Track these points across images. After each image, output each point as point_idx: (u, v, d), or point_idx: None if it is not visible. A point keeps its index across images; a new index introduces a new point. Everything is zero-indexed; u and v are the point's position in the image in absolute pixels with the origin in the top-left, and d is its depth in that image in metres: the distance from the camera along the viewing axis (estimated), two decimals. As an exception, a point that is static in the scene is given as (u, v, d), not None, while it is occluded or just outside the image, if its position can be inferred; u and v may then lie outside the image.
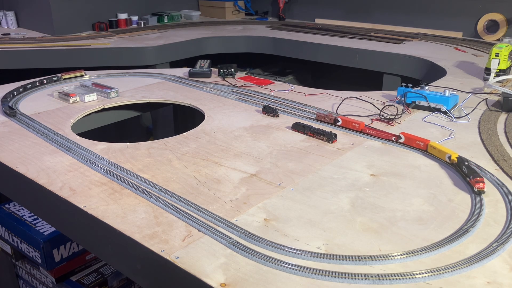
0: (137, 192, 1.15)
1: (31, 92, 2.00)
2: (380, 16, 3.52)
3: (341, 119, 1.50)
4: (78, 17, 3.42)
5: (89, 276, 1.84)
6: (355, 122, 1.47)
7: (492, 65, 2.02)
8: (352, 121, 1.49)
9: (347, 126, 1.49)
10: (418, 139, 1.34)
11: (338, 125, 1.52)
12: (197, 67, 2.28)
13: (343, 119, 1.50)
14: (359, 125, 1.46)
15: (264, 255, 0.91)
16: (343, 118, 1.50)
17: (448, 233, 0.97)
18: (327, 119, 1.52)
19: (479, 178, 1.10)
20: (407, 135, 1.38)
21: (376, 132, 1.42)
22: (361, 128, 1.46)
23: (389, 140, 1.44)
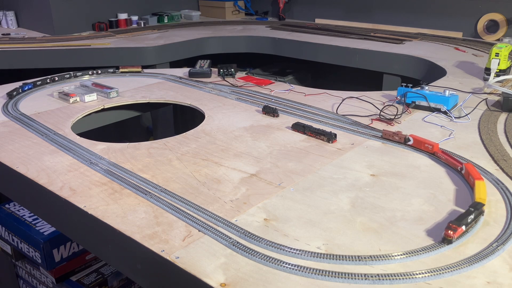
0: (137, 192, 1.15)
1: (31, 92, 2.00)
2: (380, 16, 3.52)
3: (412, 138, 1.30)
4: (78, 17, 3.42)
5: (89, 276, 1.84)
6: (428, 143, 1.27)
7: (492, 65, 2.02)
8: (424, 141, 1.28)
9: (419, 146, 1.30)
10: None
11: (408, 145, 1.34)
12: (197, 67, 2.28)
13: (415, 139, 1.30)
14: (432, 146, 1.27)
15: (264, 255, 0.91)
16: (415, 138, 1.29)
17: (448, 233, 0.97)
18: (395, 137, 1.33)
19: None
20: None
21: (446, 157, 1.23)
22: (434, 151, 1.27)
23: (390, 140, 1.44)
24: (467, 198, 1.11)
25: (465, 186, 1.17)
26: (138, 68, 2.14)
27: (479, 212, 1.00)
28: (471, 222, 0.97)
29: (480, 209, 1.00)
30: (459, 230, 0.93)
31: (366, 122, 1.59)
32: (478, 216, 1.00)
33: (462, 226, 0.94)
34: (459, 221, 0.94)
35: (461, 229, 0.94)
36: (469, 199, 1.11)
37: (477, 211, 0.99)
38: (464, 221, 0.95)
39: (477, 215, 0.99)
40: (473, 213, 0.97)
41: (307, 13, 3.92)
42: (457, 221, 0.94)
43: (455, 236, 0.93)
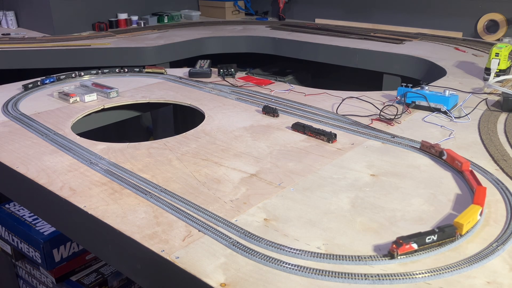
0: (137, 192, 1.15)
1: (31, 92, 2.00)
2: (380, 16, 3.52)
3: (446, 153, 1.25)
4: (78, 17, 3.42)
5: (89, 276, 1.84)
6: (459, 160, 1.21)
7: (492, 65, 2.02)
8: (456, 158, 1.22)
9: (450, 162, 1.25)
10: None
11: (442, 159, 1.28)
12: (197, 67, 2.28)
13: (448, 154, 1.25)
14: (462, 164, 1.20)
15: (264, 255, 0.91)
16: (449, 153, 1.24)
17: (448, 233, 0.97)
18: (432, 150, 1.28)
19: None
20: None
21: (469, 178, 1.15)
22: (463, 169, 1.20)
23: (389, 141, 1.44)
24: (467, 198, 1.11)
25: (465, 186, 1.17)
26: (161, 70, 2.17)
27: (447, 235, 0.92)
28: (431, 243, 0.91)
29: (449, 232, 0.92)
30: (404, 246, 0.89)
31: (366, 122, 1.59)
32: (444, 239, 0.92)
33: (412, 244, 0.89)
34: (409, 238, 0.90)
35: (409, 246, 0.89)
36: (469, 199, 1.11)
37: (442, 233, 0.92)
38: (418, 239, 0.90)
39: (442, 238, 0.92)
40: (436, 234, 0.91)
41: (307, 13, 3.92)
42: (408, 237, 0.90)
43: (399, 251, 0.89)
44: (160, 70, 2.18)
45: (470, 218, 0.97)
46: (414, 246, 0.90)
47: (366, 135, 1.49)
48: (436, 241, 0.91)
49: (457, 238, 0.94)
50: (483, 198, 1.04)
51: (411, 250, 0.90)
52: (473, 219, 0.98)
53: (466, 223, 0.95)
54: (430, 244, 0.91)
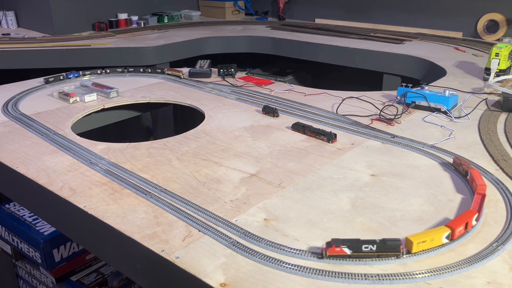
0: (137, 192, 1.15)
1: (31, 92, 2.00)
2: (380, 16, 3.52)
3: (470, 173, 1.17)
4: (78, 17, 3.42)
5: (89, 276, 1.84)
6: (478, 183, 1.11)
7: (492, 65, 2.02)
8: (476, 179, 1.12)
9: (470, 182, 1.17)
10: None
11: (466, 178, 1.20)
12: (197, 67, 2.28)
13: (472, 174, 1.16)
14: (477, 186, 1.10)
15: (264, 255, 0.91)
16: (473, 173, 1.15)
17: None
18: (460, 167, 1.21)
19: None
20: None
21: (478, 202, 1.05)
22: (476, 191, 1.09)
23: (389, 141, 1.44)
24: (467, 198, 1.11)
25: (465, 186, 1.17)
26: (179, 72, 2.20)
27: (389, 249, 0.88)
28: (369, 252, 0.88)
29: (391, 246, 0.88)
30: (334, 248, 0.88)
31: (366, 122, 1.59)
32: (386, 252, 0.89)
33: (343, 248, 0.88)
34: (343, 242, 0.88)
35: (340, 249, 0.88)
36: (469, 199, 1.11)
37: (383, 245, 0.88)
38: (352, 245, 0.88)
39: (383, 250, 0.88)
40: (376, 245, 0.88)
41: (307, 13, 3.92)
42: (342, 241, 0.89)
43: (327, 252, 0.89)
44: (177, 73, 2.20)
45: (427, 238, 0.90)
46: (346, 251, 0.89)
47: (366, 135, 1.49)
48: (375, 251, 0.88)
49: (402, 255, 0.89)
50: (461, 222, 0.95)
51: (343, 254, 0.89)
52: (435, 239, 0.91)
53: (418, 242, 0.90)
54: (368, 253, 0.89)
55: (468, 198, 1.11)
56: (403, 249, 0.89)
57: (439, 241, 0.92)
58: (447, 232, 0.93)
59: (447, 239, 0.93)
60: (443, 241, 0.93)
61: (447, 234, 0.93)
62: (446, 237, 0.93)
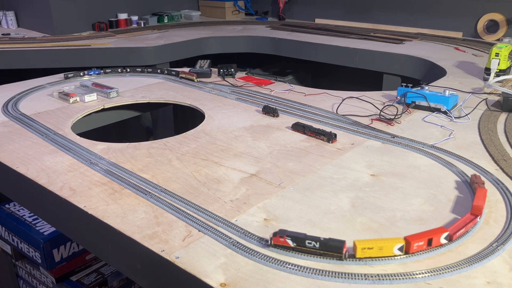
0: (137, 192, 1.15)
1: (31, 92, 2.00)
2: (380, 16, 3.52)
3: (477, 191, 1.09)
4: (78, 17, 3.42)
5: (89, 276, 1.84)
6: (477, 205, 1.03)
7: (492, 65, 2.02)
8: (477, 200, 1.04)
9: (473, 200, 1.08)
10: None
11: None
12: (197, 67, 2.28)
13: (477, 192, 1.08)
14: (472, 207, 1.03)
15: (264, 255, 0.91)
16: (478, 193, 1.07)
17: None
18: (473, 185, 1.14)
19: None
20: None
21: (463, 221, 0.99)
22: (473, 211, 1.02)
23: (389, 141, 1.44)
24: (467, 198, 1.11)
25: (465, 186, 1.17)
26: (192, 76, 2.16)
27: (330, 249, 0.88)
28: (312, 248, 0.89)
29: (333, 246, 0.88)
30: (279, 238, 0.91)
31: (366, 122, 1.59)
32: (328, 251, 0.89)
33: (287, 239, 0.90)
34: (288, 234, 0.91)
35: (283, 240, 0.91)
36: (469, 199, 1.11)
37: (325, 245, 0.88)
38: (296, 239, 0.90)
39: (325, 249, 0.89)
40: (319, 242, 0.89)
41: (307, 13, 3.92)
42: (287, 232, 0.91)
43: (272, 241, 0.92)
44: (191, 76, 2.17)
45: (375, 246, 0.88)
46: (290, 243, 0.91)
47: (366, 135, 1.49)
48: (318, 249, 0.89)
49: (344, 257, 0.88)
50: (421, 238, 0.90)
51: (286, 245, 0.91)
52: (384, 249, 0.88)
53: (364, 247, 0.88)
54: (311, 249, 0.90)
55: (468, 199, 1.11)
56: (346, 252, 0.89)
57: (389, 252, 0.88)
58: (400, 244, 0.89)
59: (400, 251, 0.89)
60: (395, 253, 0.89)
61: (400, 246, 0.89)
62: (399, 249, 0.89)
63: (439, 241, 0.92)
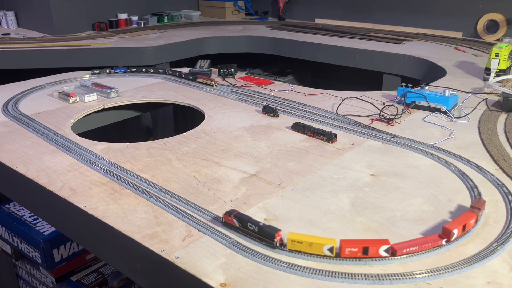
0: (137, 192, 1.15)
1: (31, 92, 2.00)
2: (380, 16, 3.52)
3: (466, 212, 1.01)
4: (78, 17, 3.42)
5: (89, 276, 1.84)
6: (452, 225, 0.95)
7: (492, 65, 2.02)
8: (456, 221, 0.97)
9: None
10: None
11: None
12: (197, 67, 2.28)
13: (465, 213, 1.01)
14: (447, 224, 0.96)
15: (264, 255, 0.91)
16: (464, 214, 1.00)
17: (448, 233, 0.97)
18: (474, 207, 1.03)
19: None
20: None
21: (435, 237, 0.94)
22: (446, 228, 0.95)
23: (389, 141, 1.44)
24: (467, 198, 1.11)
25: (465, 186, 1.17)
26: (212, 81, 2.08)
27: (265, 235, 0.92)
28: (252, 231, 0.94)
29: (267, 233, 0.92)
30: (227, 217, 0.99)
31: (366, 122, 1.59)
32: (263, 237, 0.93)
33: (234, 219, 0.97)
34: (234, 213, 0.98)
35: (231, 219, 0.98)
36: (468, 199, 1.11)
37: (261, 230, 0.92)
38: (241, 220, 0.96)
39: (261, 235, 0.93)
40: (257, 227, 0.93)
41: (307, 13, 3.92)
42: (235, 212, 0.98)
43: (223, 218, 1.00)
44: (210, 81, 2.09)
45: (305, 241, 0.90)
46: (236, 222, 0.97)
47: (366, 135, 1.49)
48: (256, 232, 0.94)
49: (275, 246, 0.91)
50: (356, 244, 0.89)
51: (233, 225, 0.98)
52: (313, 246, 0.89)
53: (294, 240, 0.90)
54: (251, 232, 0.95)
55: (468, 199, 1.11)
56: (278, 241, 0.92)
57: (319, 250, 0.89)
58: (330, 245, 0.89)
59: (330, 252, 0.89)
60: (325, 252, 0.89)
61: (329, 247, 0.89)
62: (328, 249, 0.89)
63: (378, 252, 0.88)
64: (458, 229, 0.94)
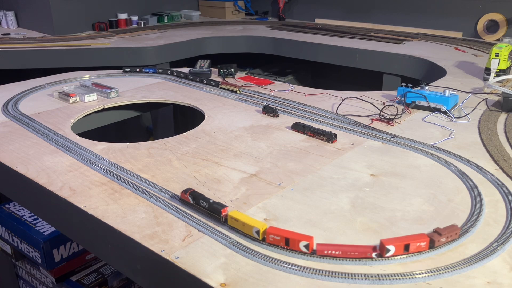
0: (137, 192, 1.15)
1: (31, 92, 2.00)
2: (380, 16, 3.52)
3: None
4: (78, 17, 3.42)
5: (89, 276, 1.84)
6: (401, 240, 0.92)
7: (492, 65, 2.02)
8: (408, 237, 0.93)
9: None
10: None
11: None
12: (197, 67, 2.28)
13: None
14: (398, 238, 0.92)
15: (264, 255, 0.91)
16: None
17: (448, 233, 0.97)
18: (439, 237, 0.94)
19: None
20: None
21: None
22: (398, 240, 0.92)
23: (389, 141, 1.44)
24: (467, 198, 1.11)
25: (465, 186, 1.17)
26: (235, 87, 1.97)
27: (213, 210, 1.02)
28: (203, 208, 1.04)
29: (215, 208, 1.01)
30: (183, 194, 1.08)
31: (366, 122, 1.59)
32: (212, 212, 1.02)
33: (189, 196, 1.06)
34: (190, 191, 1.07)
35: (187, 196, 1.07)
36: (468, 199, 1.11)
37: (210, 205, 1.02)
38: (194, 196, 1.06)
39: (210, 210, 1.03)
40: (208, 203, 1.03)
41: (307, 13, 3.92)
42: (190, 190, 1.07)
43: (180, 195, 1.09)
44: (234, 88, 1.98)
45: (241, 220, 0.96)
46: (190, 199, 1.06)
47: (366, 135, 1.49)
48: (207, 209, 1.04)
49: (222, 220, 1.00)
50: (282, 234, 0.92)
51: (188, 202, 1.07)
52: (245, 227, 0.95)
53: (232, 217, 0.98)
54: (203, 208, 1.04)
55: (468, 198, 1.11)
56: (224, 216, 1.00)
57: (249, 231, 0.95)
58: (257, 227, 0.94)
59: (257, 235, 0.94)
60: (253, 234, 0.95)
61: (256, 230, 0.94)
62: (256, 232, 0.94)
63: (298, 246, 0.91)
64: (396, 247, 0.89)
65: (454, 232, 0.93)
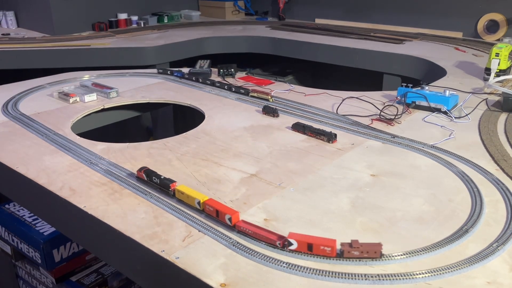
0: (137, 192, 1.15)
1: (31, 92, 2.00)
2: (380, 16, 3.52)
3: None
4: (78, 17, 3.42)
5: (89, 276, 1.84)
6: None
7: (492, 65, 2.02)
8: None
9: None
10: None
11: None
12: (197, 67, 2.28)
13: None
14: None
15: (264, 255, 0.91)
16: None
17: (448, 233, 0.97)
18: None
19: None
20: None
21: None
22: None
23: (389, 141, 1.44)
24: (467, 198, 1.11)
25: (465, 186, 1.17)
26: (267, 95, 1.84)
27: (163, 185, 1.12)
28: (155, 183, 1.14)
29: (165, 184, 1.12)
30: (139, 172, 1.18)
31: (366, 122, 1.59)
32: (162, 187, 1.13)
33: (143, 173, 1.17)
34: (144, 169, 1.17)
35: (141, 173, 1.17)
36: (469, 199, 1.10)
37: (161, 181, 1.13)
38: (147, 174, 1.16)
39: (161, 185, 1.13)
40: (159, 179, 1.13)
41: (307, 13, 3.92)
42: (145, 168, 1.18)
43: (137, 173, 1.19)
44: (266, 95, 1.84)
45: (186, 193, 1.07)
46: (144, 176, 1.17)
47: (366, 135, 1.49)
48: (158, 184, 1.14)
49: (171, 194, 1.10)
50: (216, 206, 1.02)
51: (143, 179, 1.17)
52: (190, 198, 1.06)
53: (179, 190, 1.08)
54: (156, 184, 1.15)
55: (468, 198, 1.11)
56: (172, 190, 1.10)
57: (192, 202, 1.06)
58: (198, 199, 1.04)
59: (198, 206, 1.05)
60: (196, 205, 1.05)
61: (198, 201, 1.04)
62: (197, 203, 1.05)
63: (224, 219, 1.01)
64: (298, 243, 0.91)
65: (373, 250, 0.89)
